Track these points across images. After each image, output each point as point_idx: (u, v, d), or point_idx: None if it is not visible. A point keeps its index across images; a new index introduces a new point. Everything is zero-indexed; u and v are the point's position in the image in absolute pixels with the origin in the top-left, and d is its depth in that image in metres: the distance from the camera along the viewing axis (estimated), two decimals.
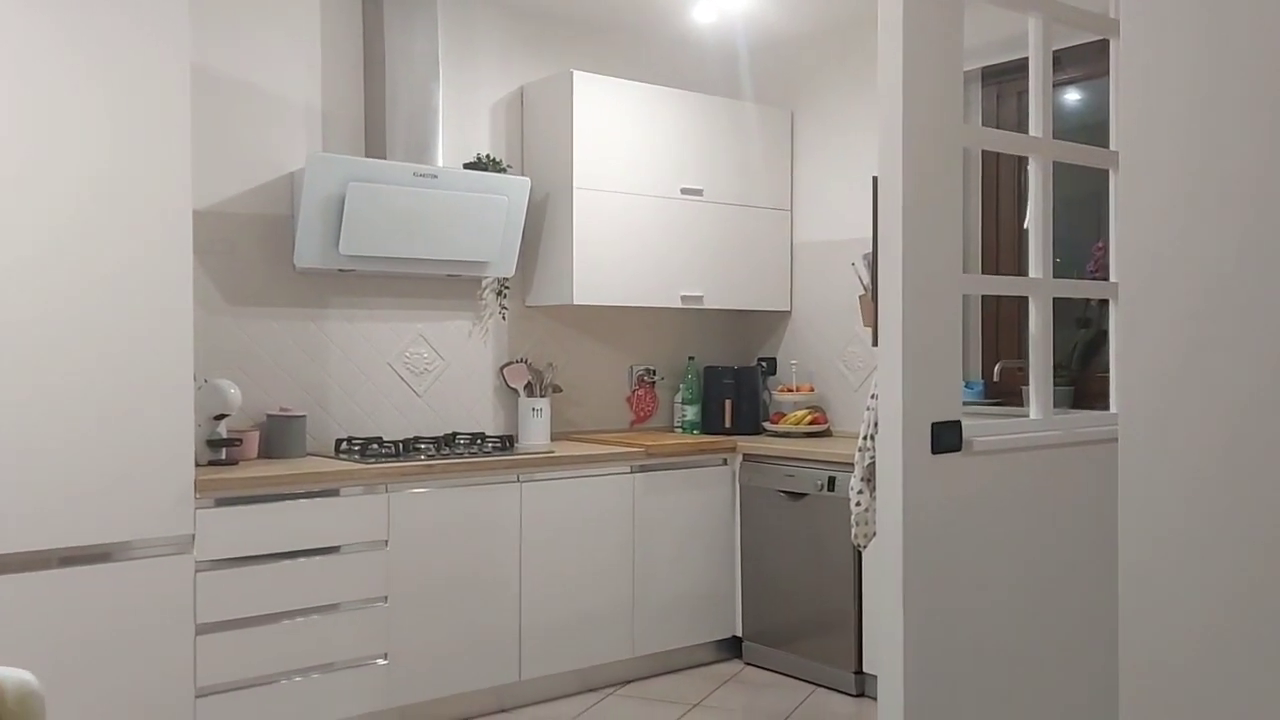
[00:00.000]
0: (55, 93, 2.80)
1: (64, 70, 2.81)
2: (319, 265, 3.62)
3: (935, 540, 2.32)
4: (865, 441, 2.84)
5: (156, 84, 2.95)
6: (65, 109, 2.81)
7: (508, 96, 4.31)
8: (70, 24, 2.82)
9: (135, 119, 2.92)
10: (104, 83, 2.87)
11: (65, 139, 2.82)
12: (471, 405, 4.19)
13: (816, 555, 3.93)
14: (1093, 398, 3.74)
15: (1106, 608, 2.69)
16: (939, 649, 2.33)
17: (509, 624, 3.64)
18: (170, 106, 2.97)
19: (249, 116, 3.69)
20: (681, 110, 4.39)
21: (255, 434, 3.57)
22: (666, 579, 4.05)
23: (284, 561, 3.19)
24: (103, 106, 2.87)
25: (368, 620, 3.34)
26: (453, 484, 3.53)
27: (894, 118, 2.36)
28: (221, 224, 3.63)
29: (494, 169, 4.06)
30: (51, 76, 2.79)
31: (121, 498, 2.88)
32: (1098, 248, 3.73)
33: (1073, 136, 2.91)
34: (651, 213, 4.29)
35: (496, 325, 4.26)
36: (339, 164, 3.54)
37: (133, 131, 2.91)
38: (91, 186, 2.85)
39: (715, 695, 3.84)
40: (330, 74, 3.87)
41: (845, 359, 4.55)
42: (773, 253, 4.69)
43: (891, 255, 2.34)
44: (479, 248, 3.88)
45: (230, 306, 3.66)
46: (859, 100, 4.48)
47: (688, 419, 4.63)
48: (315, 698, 3.23)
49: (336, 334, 3.89)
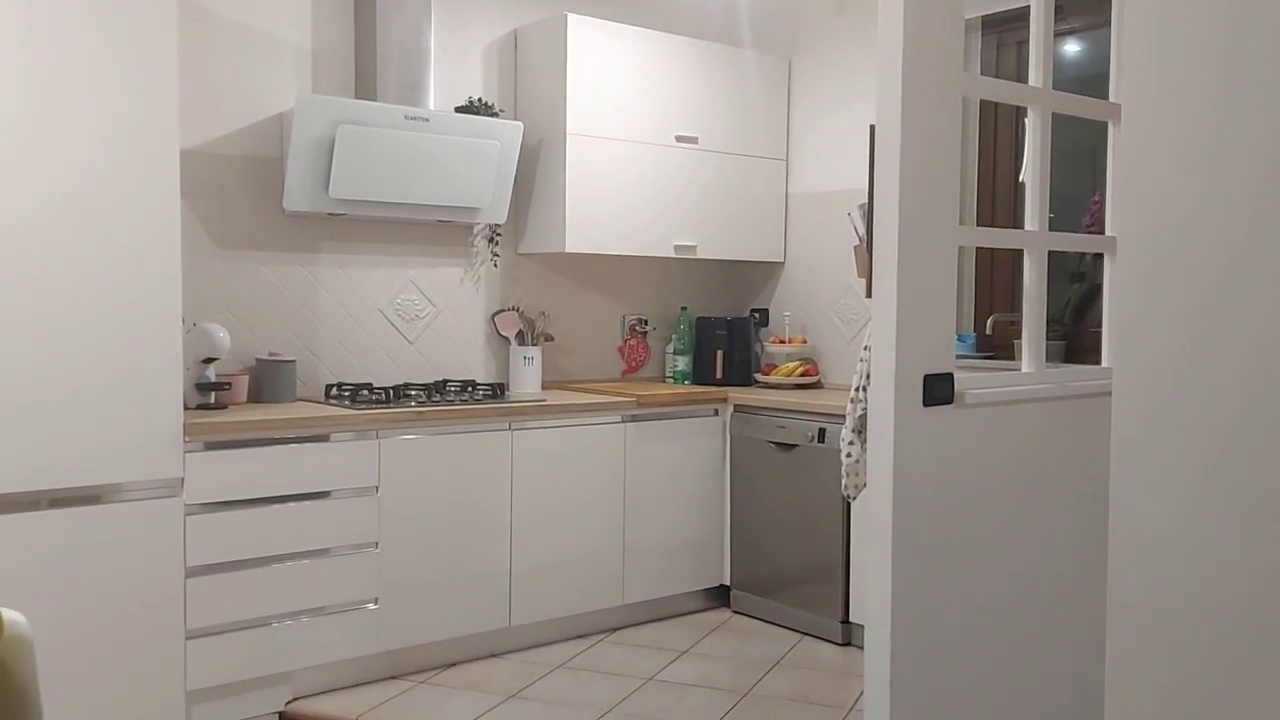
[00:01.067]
0: (36, 26, 2.74)
1: (47, 6, 2.74)
2: (308, 209, 3.58)
3: (925, 492, 2.33)
4: (857, 393, 2.83)
5: (142, 19, 2.88)
6: (47, 44, 2.75)
7: (500, 39, 4.23)
8: None
9: (120, 55, 2.85)
10: (88, 16, 2.80)
11: (47, 75, 2.76)
12: (463, 353, 4.18)
13: (806, 506, 3.95)
14: (1085, 352, 3.74)
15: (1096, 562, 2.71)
16: (926, 601, 2.34)
17: (500, 570, 3.66)
18: (157, 43, 2.90)
19: (237, 55, 3.63)
20: (677, 56, 4.33)
21: (244, 378, 3.56)
22: (656, 528, 4.06)
23: (274, 506, 3.19)
24: (87, 42, 2.80)
25: (358, 565, 3.35)
26: (444, 431, 3.52)
27: (893, 65, 2.32)
28: (210, 165, 3.58)
29: (486, 113, 4.01)
30: (35, 13, 2.73)
31: (111, 440, 2.86)
32: (1094, 201, 3.70)
33: (1071, 87, 2.87)
34: (645, 160, 4.24)
35: (488, 272, 4.23)
36: (329, 106, 3.49)
37: (117, 68, 2.85)
38: (76, 124, 2.80)
39: (704, 643, 3.88)
40: (320, 13, 3.79)
41: (838, 311, 4.53)
42: (767, 203, 4.65)
43: (888, 206, 2.32)
44: (471, 193, 3.84)
45: (219, 249, 3.62)
46: (857, 49, 4.41)
47: (679, 369, 4.62)
48: (305, 641, 3.25)
49: (327, 279, 3.85)
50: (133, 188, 2.89)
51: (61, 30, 2.77)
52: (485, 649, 3.70)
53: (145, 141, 2.90)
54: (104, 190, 2.85)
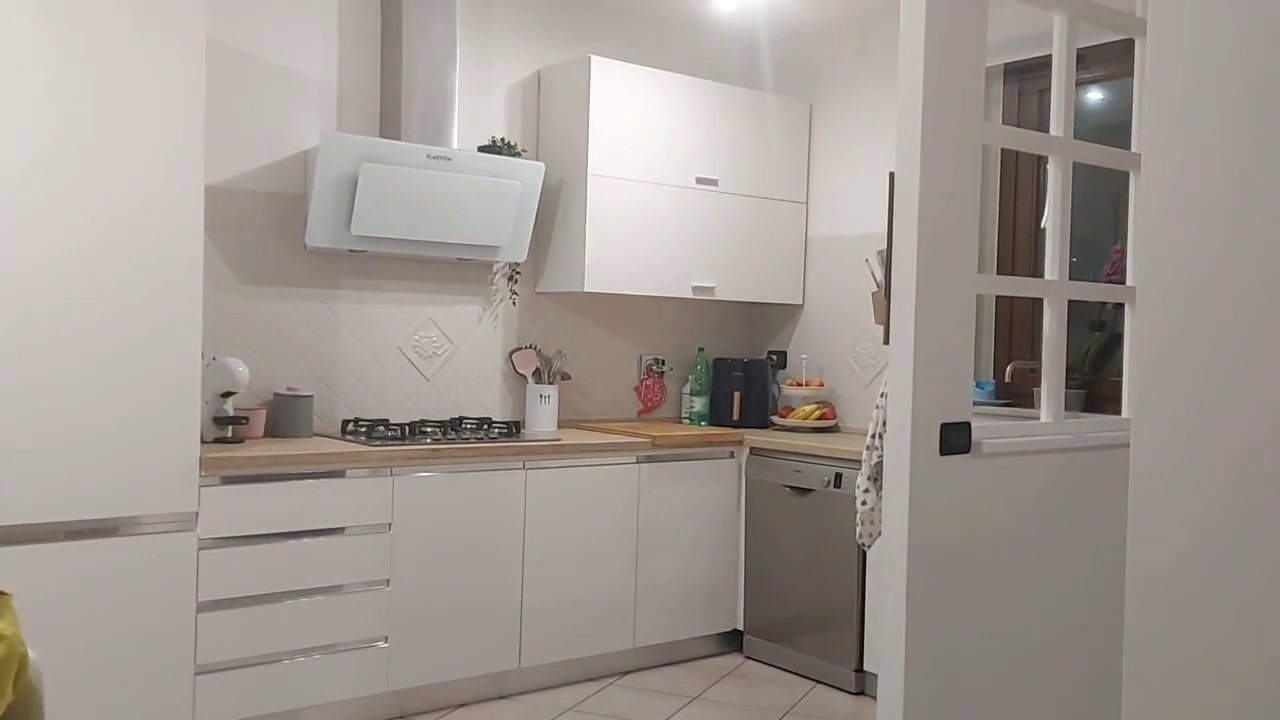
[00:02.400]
0: (70, 65, 2.79)
1: (79, 43, 2.79)
2: (330, 245, 3.61)
3: (941, 542, 2.30)
4: (873, 440, 2.81)
5: (172, 57, 2.93)
6: (80, 81, 2.80)
7: (524, 80, 4.28)
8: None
9: (149, 92, 2.90)
10: (119, 55, 2.85)
11: (75, 110, 2.80)
12: (479, 390, 4.18)
13: (820, 551, 3.91)
14: (1104, 401, 3.70)
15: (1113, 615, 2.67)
16: (941, 651, 2.31)
17: (510, 610, 3.64)
18: (185, 80, 2.95)
19: (263, 93, 3.68)
20: (699, 99, 4.36)
21: (262, 412, 3.57)
22: (669, 571, 4.03)
23: (287, 541, 3.18)
24: (116, 78, 2.85)
25: (369, 603, 3.34)
26: (458, 469, 3.52)
27: (913, 113, 2.32)
28: (233, 200, 3.62)
29: (508, 153, 4.04)
30: (67, 49, 2.78)
31: (127, 473, 2.88)
32: (1115, 251, 3.69)
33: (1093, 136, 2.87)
34: (665, 202, 4.26)
35: (506, 310, 4.25)
36: (353, 144, 3.53)
37: (147, 105, 2.90)
38: (104, 159, 2.84)
39: (715, 689, 3.83)
40: (347, 52, 3.85)
41: (856, 355, 4.52)
42: (786, 246, 4.66)
43: (906, 253, 2.31)
44: (491, 232, 3.86)
45: (240, 284, 3.65)
46: (878, 94, 4.44)
47: (695, 410, 4.61)
48: (315, 679, 3.23)
49: (346, 315, 3.88)
50: (157, 222, 2.92)
51: (91, 66, 2.82)
52: (494, 690, 3.67)
53: (171, 176, 2.94)
54: (129, 224, 2.88)
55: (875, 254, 4.17)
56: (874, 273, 4.17)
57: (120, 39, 2.85)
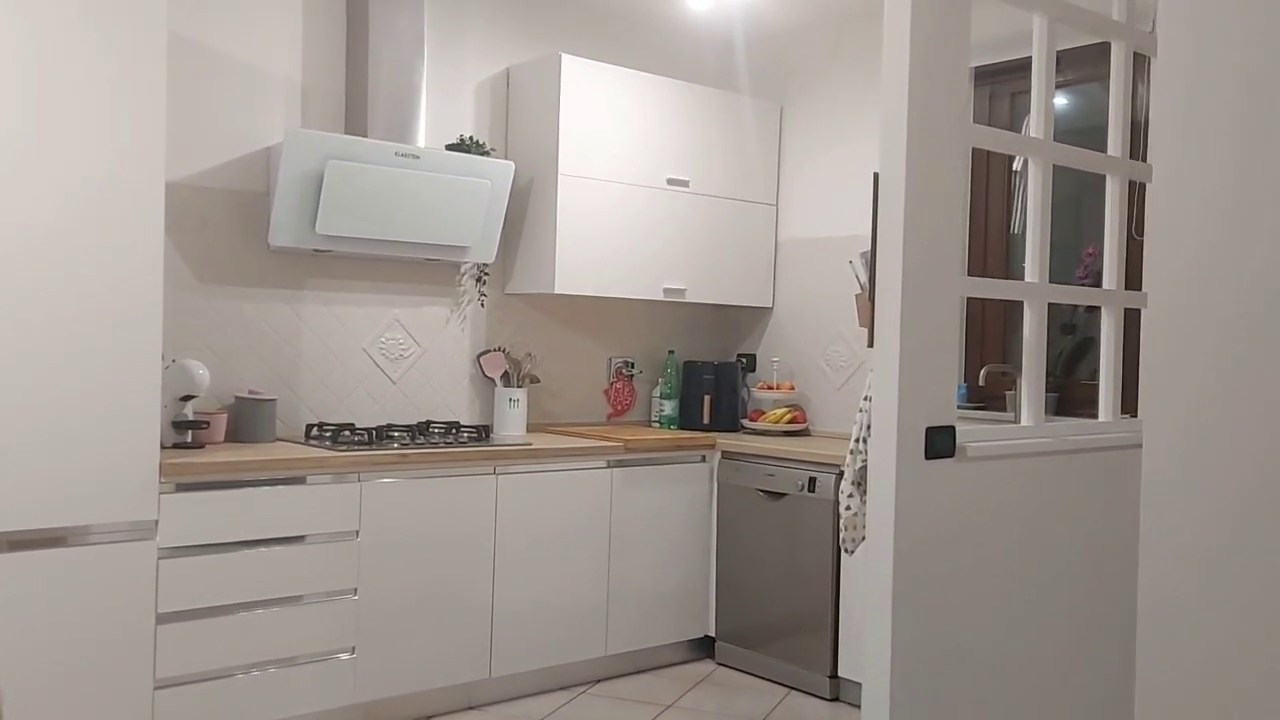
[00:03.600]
0: (24, 53, 2.67)
1: (35, 35, 2.68)
2: (294, 244, 3.51)
3: (926, 546, 2.27)
4: (857, 444, 2.78)
5: (132, 50, 2.82)
6: (36, 75, 2.68)
7: (493, 77, 4.20)
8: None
9: (109, 86, 2.79)
10: (78, 47, 2.74)
11: (33, 103, 2.69)
12: (446, 394, 4.10)
13: (794, 557, 3.88)
14: (1077, 405, 3.71)
15: (1100, 617, 2.66)
16: (927, 657, 2.28)
17: (481, 620, 3.56)
18: (146, 74, 2.85)
19: (225, 88, 3.57)
20: (670, 99, 4.31)
21: (223, 417, 3.46)
22: (642, 577, 3.98)
23: (251, 550, 3.08)
24: (75, 70, 2.74)
25: (336, 613, 3.24)
26: (427, 474, 3.44)
27: (898, 114, 2.28)
28: (194, 198, 3.51)
29: (477, 151, 3.96)
30: (21, 41, 2.66)
31: (84, 480, 2.76)
32: (1088, 254, 3.70)
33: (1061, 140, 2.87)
34: (636, 203, 4.21)
35: (475, 312, 4.17)
36: (318, 141, 3.43)
37: (105, 99, 2.79)
38: (60, 154, 2.73)
39: (688, 697, 3.78)
40: (311, 47, 3.75)
41: (828, 358, 4.50)
42: (757, 248, 4.63)
43: (891, 255, 2.28)
44: (459, 232, 3.78)
45: (200, 284, 3.54)
46: (849, 96, 4.42)
47: (665, 414, 4.56)
48: (279, 692, 3.13)
49: (310, 316, 3.77)
50: (117, 219, 2.81)
51: (50, 58, 2.70)
52: (464, 701, 3.58)
53: (131, 173, 2.83)
54: (87, 221, 2.77)
55: (859, 256, 4.14)
56: (858, 275, 4.14)
57: (79, 32, 2.74)
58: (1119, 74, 2.79)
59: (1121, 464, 2.75)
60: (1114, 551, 2.70)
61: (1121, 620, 2.72)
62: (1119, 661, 2.71)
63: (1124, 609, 2.72)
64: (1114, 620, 2.70)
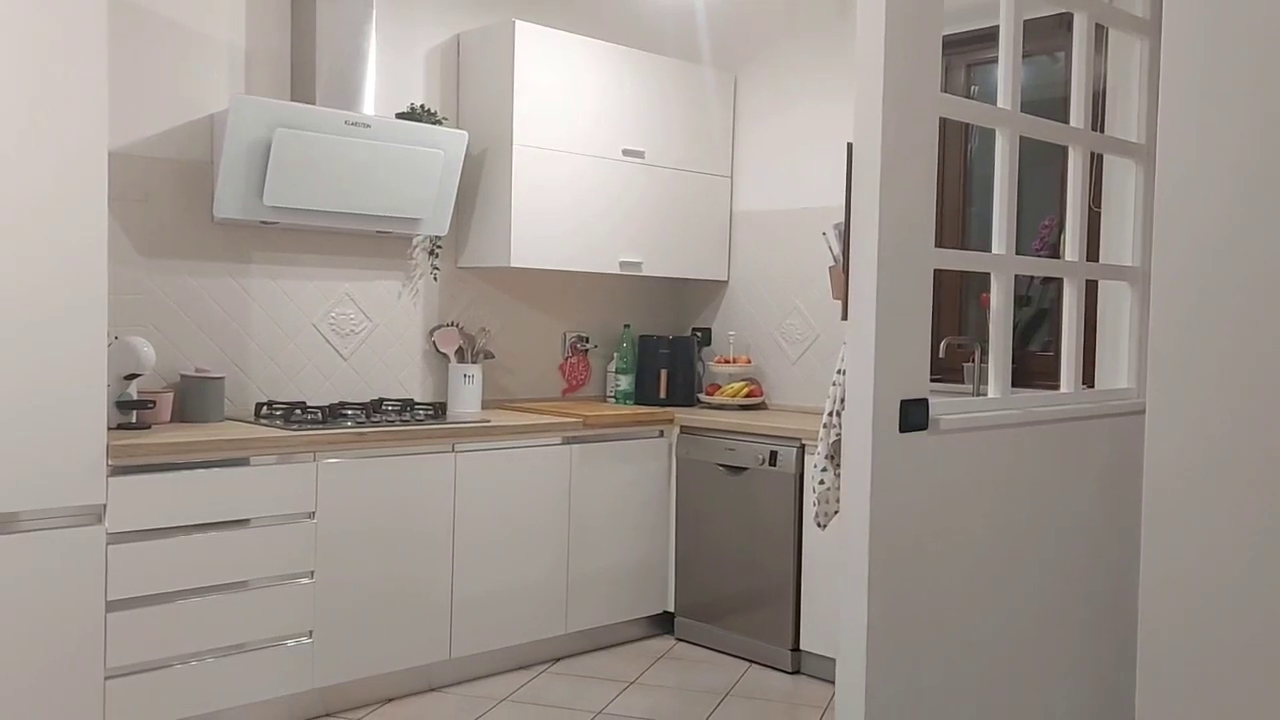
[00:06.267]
0: None
1: None
2: (240, 216, 3.38)
3: (901, 519, 2.27)
4: (830, 418, 2.77)
5: (72, 10, 2.67)
6: None
7: (443, 44, 4.09)
8: None
9: (47, 48, 2.64)
10: (14, 10, 2.58)
11: None
12: (399, 370, 4.00)
13: (755, 530, 3.87)
14: (1032, 376, 3.75)
15: (1069, 586, 2.69)
16: (902, 629, 2.28)
17: (440, 599, 3.49)
18: (85, 35, 2.70)
19: (164, 52, 3.41)
20: (625, 68, 4.24)
21: (169, 395, 3.33)
22: (601, 554, 3.94)
23: (203, 534, 2.98)
24: (10, 34, 2.58)
25: (293, 596, 3.15)
26: (384, 453, 3.35)
27: (873, 83, 2.25)
28: (135, 168, 3.36)
29: (429, 120, 3.85)
30: None
31: (26, 463, 2.63)
32: (1044, 226, 3.72)
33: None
34: (591, 174, 4.14)
35: (427, 286, 4.07)
36: (266, 108, 3.30)
37: (44, 62, 2.64)
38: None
39: (650, 673, 3.76)
40: (255, 10, 3.60)
41: (784, 331, 4.48)
42: (712, 220, 4.59)
43: (867, 226, 2.25)
44: (411, 204, 3.68)
45: (143, 258, 3.40)
46: (803, 66, 4.39)
47: (621, 389, 4.52)
48: (236, 678, 3.04)
49: (258, 291, 3.65)
50: (57, 190, 2.67)
51: None
52: (424, 683, 3.52)
53: (70, 141, 2.69)
54: (26, 193, 2.62)
55: (832, 228, 4.10)
56: (831, 247, 4.10)
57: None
58: (1081, 45, 2.79)
59: (1084, 435, 2.78)
60: (1082, 520, 2.74)
61: (1091, 588, 2.76)
62: (1091, 629, 2.75)
63: (1093, 577, 2.76)
64: (1084, 588, 2.74)
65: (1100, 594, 2.78)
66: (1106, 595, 2.78)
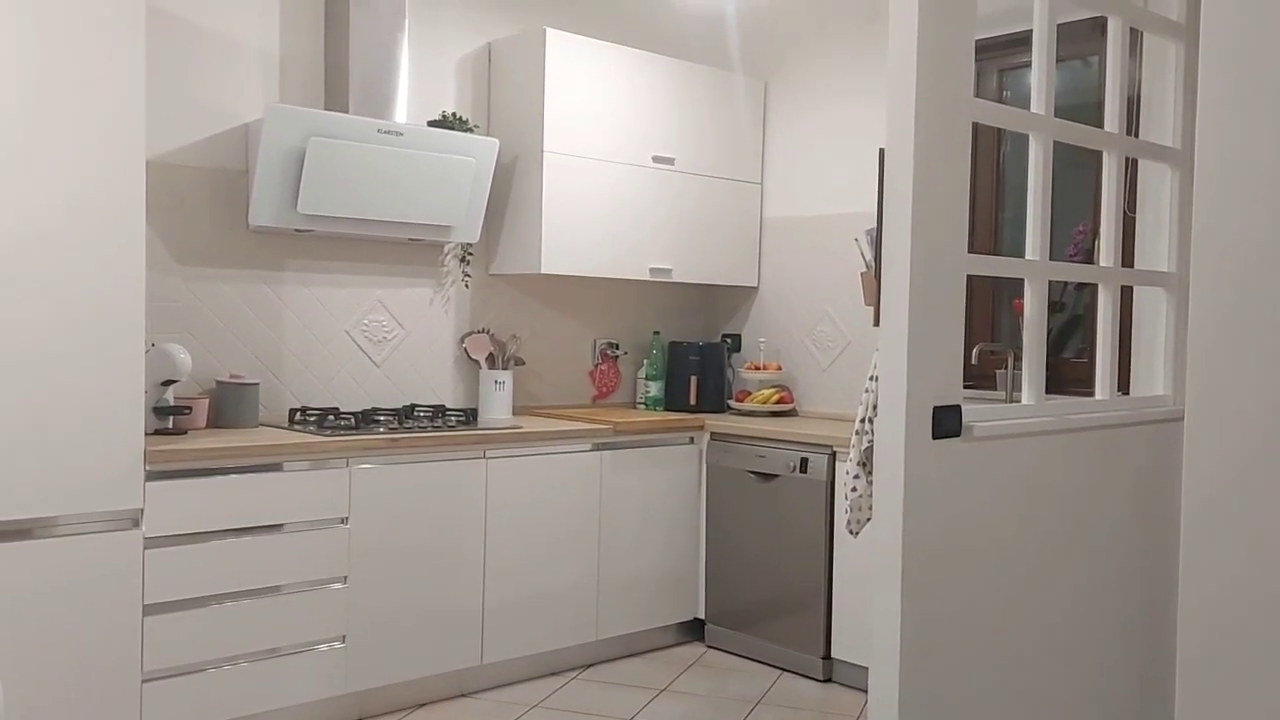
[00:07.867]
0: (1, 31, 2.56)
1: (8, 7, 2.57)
2: (275, 224, 3.41)
3: (934, 526, 2.25)
4: (862, 425, 2.75)
5: (111, 20, 2.71)
6: (12, 48, 2.57)
7: (474, 53, 4.12)
8: None
9: (86, 59, 2.68)
10: (54, 21, 2.63)
11: (5, 81, 2.58)
12: (430, 376, 4.03)
13: (786, 538, 3.85)
14: (1065, 383, 3.71)
15: (1103, 591, 2.66)
16: (935, 636, 2.26)
17: (472, 605, 3.51)
18: (125, 47, 2.74)
19: (200, 61, 3.46)
20: (656, 75, 4.25)
21: (205, 402, 3.37)
22: (632, 560, 3.94)
23: (238, 538, 3.01)
24: (53, 47, 2.63)
25: (327, 601, 3.17)
26: (417, 459, 3.37)
27: (906, 89, 2.24)
28: (171, 177, 3.40)
29: (461, 128, 3.88)
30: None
31: (65, 468, 2.67)
32: (1078, 231, 3.69)
33: None
34: (622, 181, 4.15)
35: (459, 293, 4.09)
36: (300, 117, 3.34)
37: (83, 73, 2.68)
38: (36, 133, 2.62)
39: (681, 680, 3.76)
40: (289, 20, 3.64)
41: (814, 338, 4.47)
42: (742, 227, 4.58)
43: (899, 232, 2.24)
44: (443, 211, 3.70)
45: (179, 266, 3.44)
46: (834, 73, 4.38)
47: (651, 395, 4.52)
48: (270, 682, 3.07)
49: (291, 298, 3.68)
50: (96, 199, 2.71)
51: (24, 33, 2.59)
52: (456, 688, 3.53)
53: (109, 151, 2.73)
54: (65, 202, 2.66)
55: (864, 233, 4.08)
56: (863, 252, 4.07)
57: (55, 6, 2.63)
58: (1115, 49, 2.77)
59: (1119, 442, 2.75)
60: (1117, 528, 2.71)
61: (1127, 596, 2.73)
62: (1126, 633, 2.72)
63: (1129, 585, 2.72)
64: (1120, 593, 2.71)
65: (1136, 603, 2.75)
66: (1142, 604, 2.75)
